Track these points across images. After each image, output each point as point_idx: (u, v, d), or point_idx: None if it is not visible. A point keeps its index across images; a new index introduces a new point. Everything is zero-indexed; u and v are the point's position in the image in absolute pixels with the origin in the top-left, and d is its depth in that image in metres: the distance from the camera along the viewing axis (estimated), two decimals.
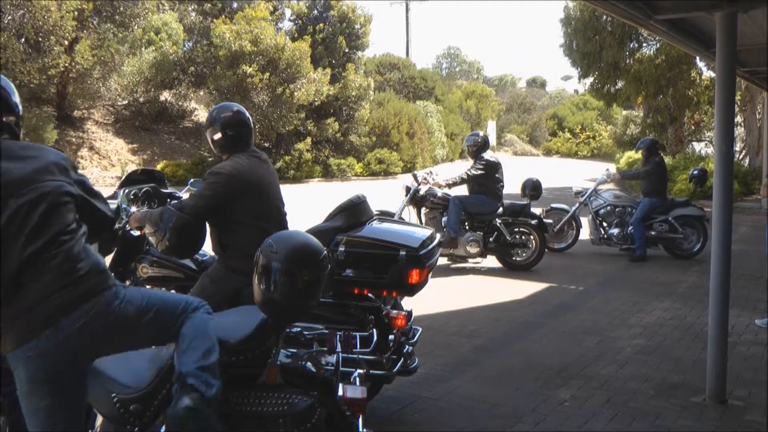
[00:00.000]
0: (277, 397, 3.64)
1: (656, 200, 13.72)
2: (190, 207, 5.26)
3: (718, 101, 6.68)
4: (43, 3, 23.07)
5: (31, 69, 23.53)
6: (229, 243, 5.37)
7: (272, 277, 3.55)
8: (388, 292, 5.97)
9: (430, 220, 12.57)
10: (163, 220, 5.14)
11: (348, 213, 6.12)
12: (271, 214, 5.46)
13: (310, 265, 3.63)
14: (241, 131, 5.55)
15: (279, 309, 3.63)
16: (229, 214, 5.30)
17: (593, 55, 26.26)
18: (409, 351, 6.00)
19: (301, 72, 29.96)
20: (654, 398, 6.70)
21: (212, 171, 5.40)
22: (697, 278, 11.89)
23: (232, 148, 5.51)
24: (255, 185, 5.39)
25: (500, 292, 11.15)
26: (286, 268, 3.56)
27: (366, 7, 47.29)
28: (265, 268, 3.58)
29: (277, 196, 5.66)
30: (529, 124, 63.60)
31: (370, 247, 5.89)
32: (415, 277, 5.76)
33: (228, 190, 5.26)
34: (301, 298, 3.63)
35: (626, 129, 38.43)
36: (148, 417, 3.65)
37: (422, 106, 41.66)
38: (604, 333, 8.90)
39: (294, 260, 3.59)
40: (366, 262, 5.85)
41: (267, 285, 3.56)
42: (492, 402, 6.58)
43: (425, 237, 6.06)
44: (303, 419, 3.58)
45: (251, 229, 5.15)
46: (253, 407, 3.63)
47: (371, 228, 6.15)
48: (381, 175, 34.22)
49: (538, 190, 13.50)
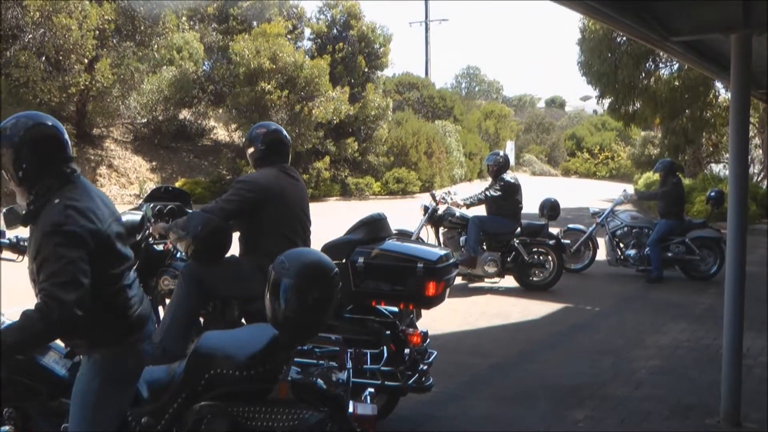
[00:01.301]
0: (287, 412, 3.67)
1: (673, 222, 13.69)
2: (218, 209, 5.46)
3: (732, 122, 6.70)
4: (64, 22, 23.20)
5: (51, 87, 23.66)
6: (257, 247, 5.55)
7: (283, 294, 3.58)
8: (406, 305, 6.07)
9: (448, 240, 12.57)
10: (190, 224, 5.24)
11: (369, 227, 6.23)
12: (296, 226, 5.58)
13: (321, 283, 3.66)
14: (274, 148, 5.82)
15: (290, 325, 3.65)
16: (256, 221, 5.51)
17: (609, 76, 26.21)
18: (424, 369, 6.03)
19: (320, 90, 29.98)
20: (668, 420, 6.70)
21: (239, 179, 5.68)
22: (713, 300, 11.84)
23: (263, 163, 5.69)
24: (278, 196, 5.57)
25: (516, 311, 11.15)
26: (297, 285, 3.59)
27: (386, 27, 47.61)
28: (276, 284, 3.61)
29: (304, 211, 5.85)
30: (548, 145, 63.43)
31: (389, 259, 5.99)
32: (432, 290, 5.84)
33: (253, 197, 5.48)
34: (312, 315, 3.66)
35: (645, 150, 38.27)
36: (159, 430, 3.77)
37: (441, 126, 41.63)
38: (619, 354, 8.89)
39: (305, 277, 3.62)
40: (384, 274, 5.94)
41: (278, 301, 3.59)
42: (506, 422, 6.59)
43: (443, 254, 6.16)
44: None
45: (277, 237, 5.28)
46: (264, 422, 3.67)
47: (390, 243, 6.26)
48: (399, 195, 34.20)
49: (556, 211, 13.50)
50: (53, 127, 3.70)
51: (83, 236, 3.47)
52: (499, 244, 12.49)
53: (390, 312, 6.03)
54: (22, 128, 3.60)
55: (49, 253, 3.42)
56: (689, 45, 7.91)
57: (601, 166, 57.53)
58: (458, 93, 71.43)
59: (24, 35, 23.39)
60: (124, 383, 3.77)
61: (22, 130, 3.59)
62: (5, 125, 3.62)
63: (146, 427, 3.76)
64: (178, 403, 3.76)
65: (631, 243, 14.09)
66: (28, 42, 23.33)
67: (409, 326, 6.13)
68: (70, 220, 3.46)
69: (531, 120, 68.09)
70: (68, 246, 3.42)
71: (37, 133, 3.63)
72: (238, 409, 3.69)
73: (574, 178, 54.98)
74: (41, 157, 3.62)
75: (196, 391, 3.77)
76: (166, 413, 3.77)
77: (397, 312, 6.06)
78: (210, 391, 3.76)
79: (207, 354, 3.82)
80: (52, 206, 3.52)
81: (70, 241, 3.43)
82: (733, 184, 6.67)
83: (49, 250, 3.42)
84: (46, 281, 3.40)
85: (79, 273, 3.40)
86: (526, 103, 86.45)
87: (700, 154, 30.63)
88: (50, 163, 3.64)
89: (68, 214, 3.48)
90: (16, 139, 3.59)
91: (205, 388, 3.76)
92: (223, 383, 3.73)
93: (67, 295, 3.35)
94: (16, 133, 3.59)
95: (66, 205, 3.51)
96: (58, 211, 3.48)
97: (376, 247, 6.08)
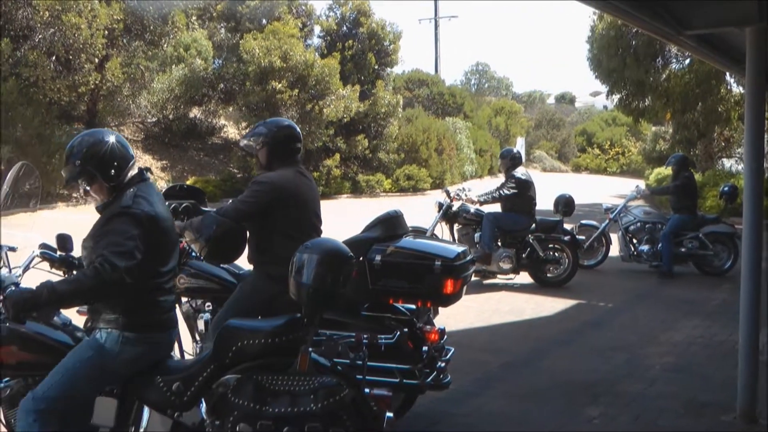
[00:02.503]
0: (307, 379, 3.97)
1: (686, 217, 13.63)
2: (233, 210, 5.47)
3: (747, 116, 6.65)
4: (74, 21, 23.16)
5: (61, 86, 23.63)
6: (266, 250, 5.53)
7: (308, 269, 4.00)
8: (423, 302, 6.08)
9: (462, 237, 12.57)
10: (204, 226, 5.26)
11: (385, 225, 6.21)
12: (308, 230, 5.56)
13: (341, 260, 4.10)
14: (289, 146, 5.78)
15: (314, 297, 4.00)
16: (268, 222, 5.49)
17: (618, 72, 26.10)
18: (442, 366, 6.01)
19: (331, 88, 29.94)
20: (683, 417, 6.66)
21: (256, 180, 5.61)
22: (727, 296, 11.79)
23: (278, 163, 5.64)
24: (294, 197, 5.55)
25: (529, 308, 11.12)
26: (321, 260, 4.02)
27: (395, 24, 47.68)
28: (300, 262, 4.04)
29: (316, 213, 5.83)
30: (558, 141, 63.27)
31: (407, 257, 5.98)
32: (450, 288, 5.83)
33: (270, 199, 5.46)
34: (332, 287, 4.03)
35: (655, 145, 38.15)
36: (189, 397, 4.12)
37: (451, 123, 41.52)
38: (633, 350, 8.85)
39: (327, 254, 4.08)
40: (402, 272, 5.93)
41: (301, 275, 4.01)
42: (520, 419, 6.57)
43: (460, 251, 6.14)
44: (332, 393, 3.91)
45: (288, 239, 5.24)
46: (285, 387, 3.96)
47: (407, 240, 6.24)
48: (410, 192, 34.13)
49: (570, 207, 13.49)
50: (118, 140, 4.33)
51: (145, 220, 4.08)
52: (514, 241, 12.45)
53: (407, 309, 6.02)
54: (94, 145, 4.23)
55: (113, 227, 4.04)
56: (703, 38, 7.86)
57: (611, 161, 57.41)
58: (468, 90, 71.35)
59: (34, 35, 23.38)
60: (111, 371, 4.17)
61: (86, 146, 4.23)
62: (74, 144, 4.27)
63: (177, 391, 4.12)
64: (208, 372, 4.13)
65: (644, 238, 14.03)
66: (38, 41, 23.33)
67: (426, 324, 6.12)
68: (137, 204, 4.12)
69: (541, 116, 67.95)
70: (131, 224, 4.04)
71: (110, 147, 4.26)
72: (262, 377, 3.99)
73: (584, 174, 54.89)
74: (116, 164, 4.23)
75: (224, 364, 4.12)
76: (196, 381, 4.13)
77: (414, 309, 6.06)
78: (237, 363, 4.12)
79: (235, 328, 4.19)
80: (125, 194, 4.18)
81: (133, 220, 4.05)
82: (748, 179, 6.63)
83: (115, 224, 4.05)
84: (106, 249, 3.97)
85: (134, 247, 3.99)
86: (536, 100, 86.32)
87: (712, 149, 30.44)
88: (125, 166, 4.28)
89: (137, 200, 4.14)
90: (95, 156, 4.21)
91: (232, 360, 4.11)
92: (249, 354, 4.10)
93: (120, 262, 3.91)
94: (94, 151, 4.23)
95: (136, 194, 4.18)
96: (129, 197, 4.15)
97: (393, 244, 6.06)
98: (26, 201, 5.00)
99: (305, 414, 3.85)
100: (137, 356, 4.16)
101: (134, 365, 4.16)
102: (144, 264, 4.05)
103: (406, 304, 6.03)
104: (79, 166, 4.18)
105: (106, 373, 4.13)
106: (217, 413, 4.04)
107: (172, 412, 4.19)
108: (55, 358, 4.16)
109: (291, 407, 3.87)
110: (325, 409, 3.86)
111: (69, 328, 4.42)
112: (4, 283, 4.19)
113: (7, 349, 4.19)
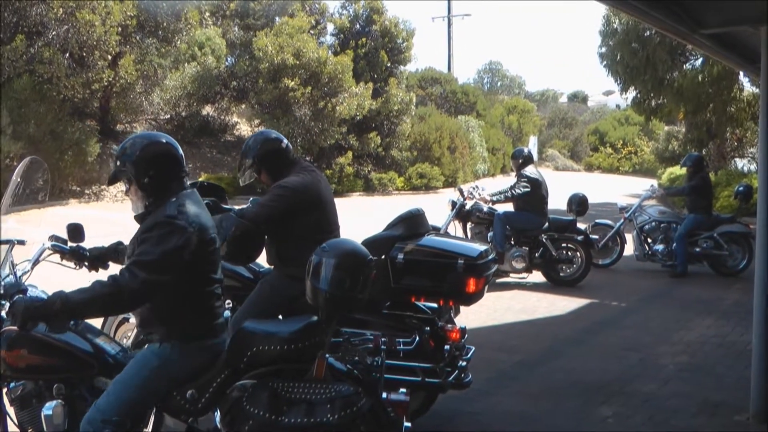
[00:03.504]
0: (324, 387, 3.90)
1: (701, 217, 13.57)
2: (253, 214, 5.51)
3: (762, 115, 6.63)
4: (88, 18, 23.19)
5: (75, 83, 23.65)
6: (286, 254, 5.57)
7: (325, 273, 3.91)
8: (445, 301, 6.07)
9: (475, 235, 12.55)
10: (223, 227, 5.27)
11: (407, 223, 6.21)
12: (329, 229, 5.58)
13: (359, 263, 4.02)
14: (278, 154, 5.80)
15: (331, 302, 3.93)
16: (288, 226, 5.51)
17: (638, 69, 25.96)
18: (463, 365, 6.01)
19: (343, 86, 29.92)
20: (696, 416, 6.65)
21: (279, 184, 5.59)
22: (740, 296, 11.75)
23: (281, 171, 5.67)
24: (316, 201, 5.61)
25: (542, 307, 11.12)
26: (338, 264, 3.93)
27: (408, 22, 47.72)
28: (317, 265, 3.95)
29: (334, 212, 5.85)
30: (571, 139, 63.16)
31: (429, 255, 5.98)
32: (473, 286, 5.85)
33: (292, 204, 5.48)
34: (350, 292, 3.96)
35: (668, 145, 38.02)
36: (203, 404, 4.05)
37: (464, 121, 41.52)
38: (646, 350, 8.84)
39: (345, 257, 3.99)
40: (424, 270, 5.95)
41: (318, 279, 3.92)
42: (533, 418, 6.57)
43: (483, 249, 6.16)
44: (349, 403, 3.83)
45: (308, 242, 5.24)
46: (301, 395, 3.89)
47: (430, 238, 6.24)
48: (422, 190, 34.11)
49: (584, 206, 13.45)
50: (168, 144, 4.24)
51: (188, 233, 3.90)
52: (527, 240, 12.43)
53: (429, 308, 6.02)
54: (140, 147, 4.10)
55: (151, 237, 3.87)
56: (717, 38, 7.83)
57: (624, 161, 57.25)
58: (481, 88, 71.27)
59: (48, 32, 23.43)
60: (172, 381, 4.05)
61: (140, 148, 4.10)
62: (126, 145, 4.16)
63: (191, 399, 4.03)
64: (222, 378, 4.05)
65: (659, 238, 13.98)
66: (51, 38, 23.37)
67: (447, 322, 6.11)
68: (181, 216, 3.93)
69: (554, 115, 67.85)
70: (170, 236, 3.86)
71: (156, 150, 4.15)
72: (278, 384, 3.92)
73: (597, 173, 54.77)
74: (159, 170, 4.09)
75: (238, 369, 4.06)
76: (210, 387, 4.05)
77: (436, 308, 6.05)
78: (252, 368, 4.05)
79: (249, 333, 4.12)
80: (168, 203, 4.00)
81: (174, 232, 3.87)
82: (763, 179, 6.60)
83: (154, 234, 3.87)
84: (134, 257, 3.87)
85: (165, 262, 3.83)
86: (548, 98, 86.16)
87: (725, 149, 30.33)
88: (167, 174, 4.13)
89: (181, 210, 3.96)
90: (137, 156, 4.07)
91: (247, 366, 4.05)
92: (264, 360, 4.04)
93: (141, 273, 3.77)
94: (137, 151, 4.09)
95: (180, 204, 4.00)
96: (173, 207, 3.97)
97: (416, 242, 6.06)
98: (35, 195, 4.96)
99: (322, 425, 3.81)
100: (199, 363, 4.09)
101: (195, 372, 4.08)
102: (198, 273, 4.03)
103: (428, 303, 6.03)
104: (120, 166, 4.11)
105: (169, 382, 4.04)
106: (232, 422, 3.98)
107: (186, 418, 4.11)
108: (66, 361, 4.15)
109: (307, 417, 3.82)
110: (342, 419, 3.81)
111: (79, 328, 4.33)
112: (10, 291, 4.09)
113: (17, 352, 4.14)
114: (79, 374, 4.20)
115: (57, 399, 4.14)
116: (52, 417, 4.07)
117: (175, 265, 3.85)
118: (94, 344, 4.27)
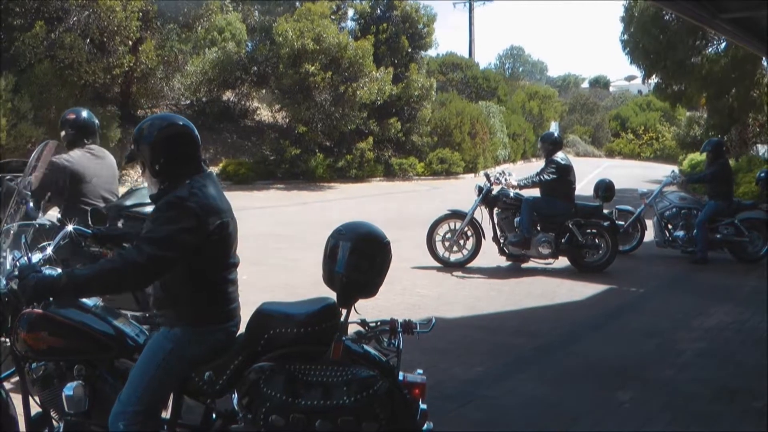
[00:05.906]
0: (341, 370, 3.89)
1: (722, 203, 13.49)
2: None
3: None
4: (109, 4, 23.26)
5: (96, 69, 23.71)
6: None
7: (342, 256, 3.91)
8: None
9: (502, 221, 12.58)
10: None
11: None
12: None
13: (376, 246, 4.00)
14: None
15: (347, 284, 3.92)
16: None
17: (660, 54, 25.82)
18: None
19: (364, 71, 29.87)
20: (714, 402, 6.64)
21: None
22: (760, 282, 11.68)
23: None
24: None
25: (561, 292, 11.11)
26: (354, 247, 3.92)
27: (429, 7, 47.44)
28: (334, 248, 3.94)
29: None
30: (592, 125, 63.01)
31: None
32: None
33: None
34: (367, 275, 3.96)
35: (690, 130, 37.81)
36: (221, 385, 4.06)
37: (485, 107, 41.40)
38: (664, 335, 8.82)
39: (361, 240, 3.98)
40: None
41: (334, 262, 3.91)
42: (551, 402, 6.57)
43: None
44: (366, 386, 3.83)
45: None
46: (318, 378, 3.89)
47: None
48: (443, 175, 34.14)
49: (610, 192, 13.45)
50: (185, 126, 4.20)
51: (199, 215, 3.87)
52: (554, 226, 12.42)
53: None
54: (157, 128, 4.10)
55: (161, 216, 3.88)
56: (737, 22, 7.82)
57: (645, 146, 57.13)
58: (502, 73, 71.09)
59: (69, 17, 23.50)
60: (188, 363, 4.06)
61: (156, 130, 4.09)
62: (143, 126, 4.15)
63: (209, 381, 4.04)
64: (239, 360, 4.04)
65: (679, 224, 13.93)
66: (73, 24, 23.44)
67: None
68: (193, 198, 3.90)
69: (575, 100, 67.69)
70: (181, 216, 3.84)
71: (171, 132, 4.13)
72: (295, 366, 3.92)
73: (618, 159, 54.58)
74: (174, 153, 4.09)
75: (255, 351, 4.04)
76: (228, 370, 4.05)
77: None
78: (269, 351, 4.03)
79: (267, 315, 4.10)
80: (182, 185, 3.98)
81: (184, 213, 3.85)
82: None
83: (164, 214, 3.88)
84: (143, 233, 3.88)
85: (174, 239, 3.81)
86: (570, 84, 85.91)
87: (747, 135, 30.12)
88: (182, 157, 4.11)
89: (193, 192, 3.93)
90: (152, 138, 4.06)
91: (264, 348, 4.04)
92: (281, 342, 4.02)
93: (149, 248, 3.77)
94: (152, 133, 4.08)
95: (193, 186, 3.97)
96: (186, 189, 3.94)
97: None
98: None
99: (338, 407, 3.80)
100: (212, 344, 4.09)
101: (210, 353, 4.08)
102: (210, 257, 4.02)
103: None
104: (136, 147, 4.13)
105: (186, 363, 4.05)
106: (249, 404, 3.97)
107: (205, 399, 4.14)
108: (85, 343, 4.17)
109: (324, 400, 3.81)
110: (359, 402, 3.80)
111: (97, 310, 4.34)
112: (25, 273, 3.99)
113: (37, 334, 4.16)
114: (98, 356, 4.23)
115: (78, 380, 4.17)
116: (73, 397, 4.11)
117: (181, 245, 3.84)
118: (113, 326, 4.28)
